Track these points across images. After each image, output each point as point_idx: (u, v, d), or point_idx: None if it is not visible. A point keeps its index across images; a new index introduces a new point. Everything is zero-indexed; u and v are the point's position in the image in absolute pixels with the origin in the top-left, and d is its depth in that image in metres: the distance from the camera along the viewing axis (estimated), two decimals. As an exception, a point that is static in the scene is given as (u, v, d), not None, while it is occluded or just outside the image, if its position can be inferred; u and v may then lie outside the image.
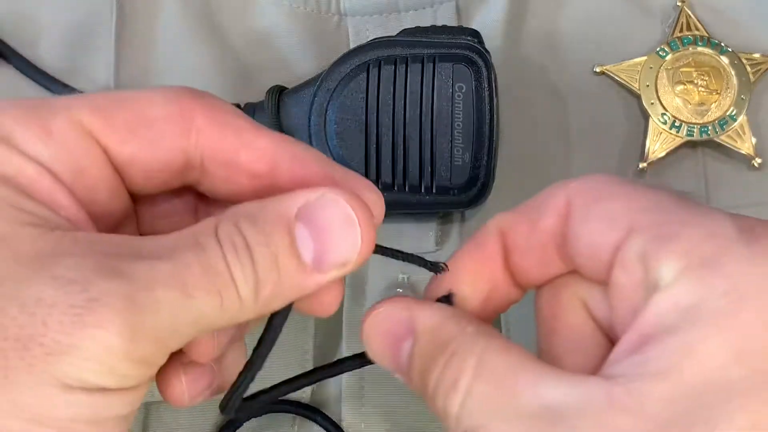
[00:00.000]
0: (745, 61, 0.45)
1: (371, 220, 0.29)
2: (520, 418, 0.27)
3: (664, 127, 0.44)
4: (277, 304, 0.29)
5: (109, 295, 0.25)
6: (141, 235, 0.32)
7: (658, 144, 0.44)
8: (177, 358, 0.31)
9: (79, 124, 0.28)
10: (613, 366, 0.27)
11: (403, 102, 0.40)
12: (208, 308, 0.27)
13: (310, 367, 0.41)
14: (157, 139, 0.29)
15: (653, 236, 0.27)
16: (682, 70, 0.45)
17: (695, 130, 0.44)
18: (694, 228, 0.27)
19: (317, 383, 0.41)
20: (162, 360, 0.27)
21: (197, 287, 0.26)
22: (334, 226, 0.28)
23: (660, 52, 0.45)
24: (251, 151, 0.30)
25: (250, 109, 0.42)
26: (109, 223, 0.30)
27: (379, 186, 0.40)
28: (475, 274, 0.32)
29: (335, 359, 0.35)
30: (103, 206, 0.30)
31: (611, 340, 0.31)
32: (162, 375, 0.32)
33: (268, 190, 0.30)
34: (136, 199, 0.31)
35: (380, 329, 0.31)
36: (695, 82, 0.45)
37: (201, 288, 0.26)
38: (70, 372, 0.25)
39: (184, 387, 0.31)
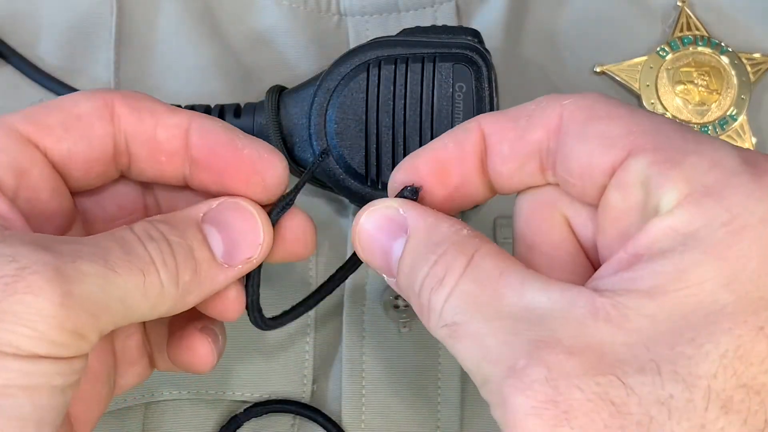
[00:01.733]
0: (745, 61, 0.45)
1: (268, 220, 0.32)
2: (501, 317, 0.27)
3: (664, 127, 0.44)
4: (195, 297, 0.31)
5: (38, 264, 0.27)
6: None
7: (658, 144, 0.44)
8: (194, 325, 0.34)
9: (15, 132, 0.31)
10: (599, 281, 0.27)
11: (403, 102, 0.40)
12: (132, 285, 0.28)
13: (309, 370, 0.41)
14: (87, 130, 0.32)
15: (656, 161, 0.27)
16: (682, 69, 0.45)
17: (695, 130, 0.44)
18: (698, 156, 0.27)
19: (316, 382, 0.42)
20: (95, 337, 0.28)
21: (119, 264, 0.28)
22: (237, 226, 0.32)
23: (660, 52, 0.45)
24: (166, 128, 0.32)
25: (250, 109, 0.42)
26: (54, 227, 0.32)
27: (379, 186, 0.40)
28: (447, 168, 0.32)
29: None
30: (46, 206, 0.32)
31: (591, 260, 0.31)
32: (184, 344, 0.34)
33: (183, 165, 0.32)
34: (85, 205, 0.34)
35: (373, 227, 0.31)
36: (695, 82, 0.45)
37: (123, 266, 0.28)
38: (2, 338, 0.26)
39: (212, 347, 0.34)
